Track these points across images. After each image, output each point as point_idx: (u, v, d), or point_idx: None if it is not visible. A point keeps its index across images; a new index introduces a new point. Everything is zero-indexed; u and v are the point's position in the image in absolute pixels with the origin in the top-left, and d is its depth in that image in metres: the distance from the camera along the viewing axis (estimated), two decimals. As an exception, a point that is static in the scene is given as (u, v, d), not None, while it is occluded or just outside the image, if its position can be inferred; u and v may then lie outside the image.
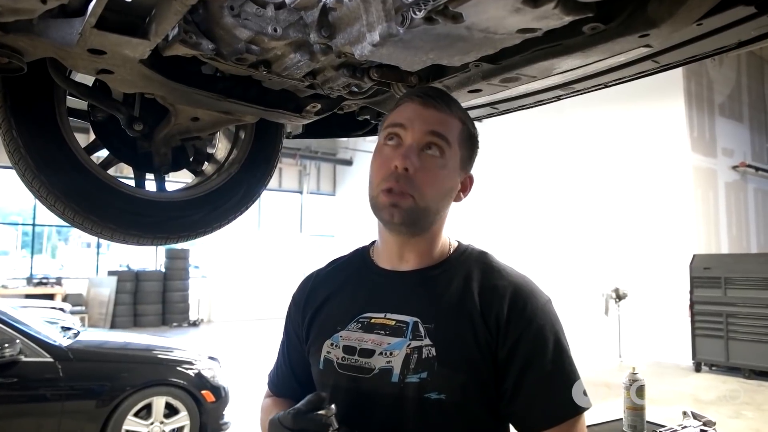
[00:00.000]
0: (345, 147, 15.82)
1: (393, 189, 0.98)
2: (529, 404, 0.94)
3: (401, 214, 0.98)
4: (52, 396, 3.89)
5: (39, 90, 1.45)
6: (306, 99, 1.51)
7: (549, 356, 0.94)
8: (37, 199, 1.50)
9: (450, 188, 1.03)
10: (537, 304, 0.97)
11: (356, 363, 0.98)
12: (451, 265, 1.04)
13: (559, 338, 0.96)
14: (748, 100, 10.80)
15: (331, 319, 1.05)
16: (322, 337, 1.04)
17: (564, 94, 1.46)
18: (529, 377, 0.93)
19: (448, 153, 1.01)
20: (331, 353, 1.01)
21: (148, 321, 12.12)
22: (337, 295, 1.09)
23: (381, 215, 1.01)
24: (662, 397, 5.81)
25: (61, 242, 14.55)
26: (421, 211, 0.99)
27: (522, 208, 10.08)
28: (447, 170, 1.01)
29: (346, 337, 1.01)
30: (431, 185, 0.99)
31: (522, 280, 1.01)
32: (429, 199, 0.99)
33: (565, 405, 0.93)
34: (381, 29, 1.00)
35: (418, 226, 1.01)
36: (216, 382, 4.39)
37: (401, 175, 0.98)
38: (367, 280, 1.07)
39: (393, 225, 1.00)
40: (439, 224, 1.05)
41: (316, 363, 1.04)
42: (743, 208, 10.33)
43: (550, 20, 0.94)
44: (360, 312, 1.03)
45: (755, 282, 7.44)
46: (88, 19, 0.95)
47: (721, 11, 0.99)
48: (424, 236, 1.04)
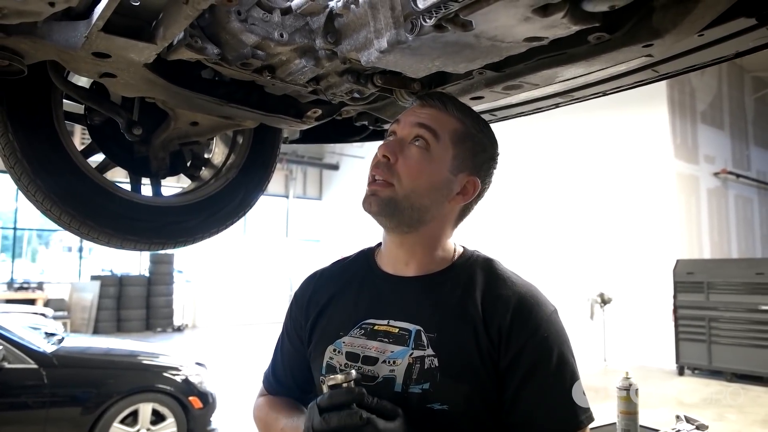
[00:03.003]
0: (332, 152, 15.81)
1: (375, 177, 1.00)
2: (529, 416, 0.92)
3: (378, 202, 0.98)
4: (36, 403, 3.82)
5: (36, 93, 1.43)
6: (307, 104, 1.50)
7: (552, 368, 0.92)
8: (33, 204, 1.47)
9: (437, 184, 1.00)
10: (542, 314, 0.95)
11: (359, 370, 0.97)
12: (455, 272, 1.02)
13: (563, 350, 0.94)
14: (729, 108, 11.01)
15: (333, 322, 1.04)
16: (325, 341, 1.03)
17: (563, 101, 1.48)
18: (529, 388, 0.91)
19: (436, 147, 1.00)
20: (334, 359, 1.00)
21: (131, 326, 11.97)
22: (340, 298, 1.07)
23: (364, 206, 1.01)
24: (647, 401, 5.84)
25: (42, 246, 14.31)
26: (400, 201, 0.98)
27: (507, 213, 10.14)
28: (433, 164, 1.00)
29: (349, 344, 1.00)
30: (412, 175, 0.98)
31: (527, 289, 0.99)
32: (408, 188, 0.98)
33: (566, 419, 0.91)
34: (389, 36, 1.01)
35: (399, 219, 0.99)
36: (203, 388, 4.35)
37: (382, 162, 1.00)
38: (370, 284, 1.06)
39: (373, 215, 1.00)
40: (434, 226, 1.03)
41: (317, 368, 1.02)
42: (724, 214, 10.52)
43: (558, 29, 0.95)
44: (363, 317, 1.01)
45: (736, 287, 7.57)
46: (96, 22, 0.94)
47: (723, 22, 1.01)
48: (417, 236, 1.02)
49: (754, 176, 11.58)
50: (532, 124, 9.63)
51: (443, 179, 1.01)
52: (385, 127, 1.78)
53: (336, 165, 16.10)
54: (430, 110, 1.03)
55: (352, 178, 15.23)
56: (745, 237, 11.10)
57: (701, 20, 0.97)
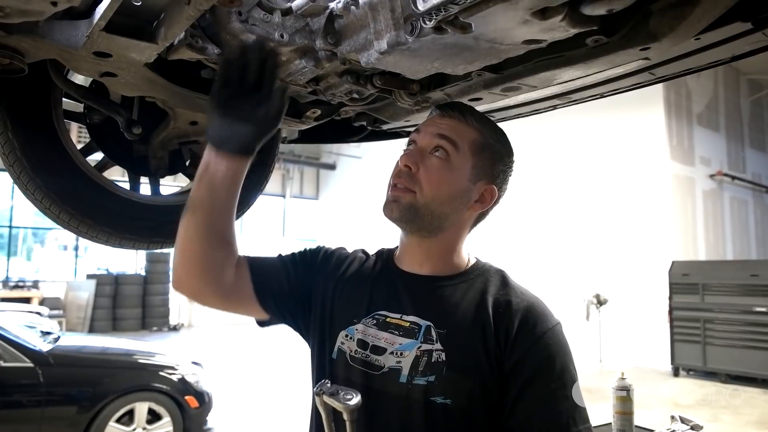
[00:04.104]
0: (329, 151, 15.81)
1: (397, 185, 1.04)
2: (528, 421, 0.94)
3: (400, 208, 1.02)
4: (31, 402, 3.82)
5: (36, 91, 1.43)
6: (306, 104, 1.51)
7: (554, 376, 0.95)
8: (32, 203, 1.47)
9: (457, 192, 1.05)
10: (546, 325, 0.99)
11: (367, 358, 1.00)
12: (468, 277, 1.06)
13: (566, 361, 0.97)
14: (724, 111, 11.07)
15: (349, 306, 1.07)
16: (339, 326, 1.06)
17: (561, 103, 1.49)
18: (529, 394, 0.94)
19: (456, 157, 1.04)
20: (345, 345, 1.03)
21: (127, 325, 11.96)
22: (359, 284, 1.10)
23: (384, 212, 1.04)
24: (643, 402, 5.87)
25: (37, 244, 14.27)
26: (421, 208, 1.02)
27: (503, 214, 10.15)
28: (453, 173, 1.04)
29: (361, 331, 1.03)
30: (433, 184, 1.02)
31: (535, 300, 1.03)
32: (429, 196, 1.02)
33: (565, 427, 0.93)
34: (389, 37, 1.02)
35: (419, 224, 1.03)
36: (200, 387, 4.35)
37: (404, 171, 1.04)
38: (386, 278, 1.09)
39: (394, 221, 1.04)
40: (452, 232, 1.07)
41: (328, 350, 1.05)
42: (720, 216, 10.57)
43: (556, 32, 0.96)
44: (377, 308, 1.05)
45: (731, 288, 7.61)
46: (98, 21, 0.94)
47: (719, 27, 1.02)
48: (436, 240, 1.06)
49: (749, 178, 11.64)
50: (529, 125, 9.64)
51: (463, 188, 1.05)
52: (384, 127, 1.79)
53: (333, 165, 16.10)
54: (449, 121, 1.07)
55: (349, 178, 15.23)
56: (740, 239, 11.16)
57: (697, 24, 0.98)
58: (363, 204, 13.79)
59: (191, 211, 1.06)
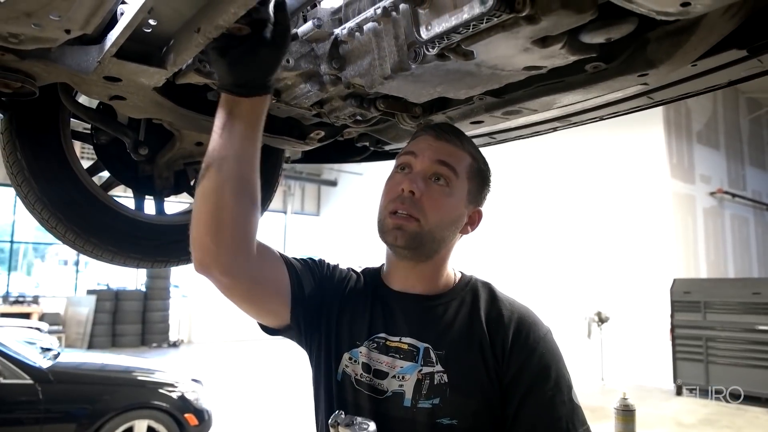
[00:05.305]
0: (330, 168, 15.86)
1: (398, 211, 1.02)
2: (531, 430, 0.97)
3: (405, 236, 1.02)
4: (30, 419, 3.80)
5: (45, 112, 1.46)
6: (310, 126, 1.53)
7: (550, 384, 0.98)
8: (38, 221, 1.49)
9: (455, 218, 1.07)
10: (538, 333, 1.02)
11: (371, 382, 1.01)
12: (458, 293, 1.08)
13: (560, 367, 1.01)
14: (724, 129, 11.12)
15: (352, 328, 1.07)
16: (343, 347, 1.06)
17: (561, 125, 1.51)
18: (529, 404, 0.96)
19: (455, 183, 1.06)
20: (350, 368, 1.04)
21: (127, 341, 11.89)
22: (358, 305, 1.10)
23: (386, 238, 1.04)
24: (646, 421, 5.84)
25: (38, 259, 14.27)
26: (425, 236, 1.02)
27: (505, 232, 10.16)
28: (453, 199, 1.06)
29: (365, 354, 1.04)
30: (436, 211, 1.03)
31: (525, 310, 1.06)
32: (433, 224, 1.03)
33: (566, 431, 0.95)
34: (393, 63, 1.04)
35: (421, 251, 1.04)
36: (199, 405, 4.33)
37: (407, 197, 1.03)
38: (382, 299, 1.10)
39: (397, 248, 1.04)
40: (444, 253, 1.09)
41: (333, 371, 1.05)
42: (720, 234, 10.56)
43: (556, 59, 0.99)
44: (377, 331, 1.05)
45: (733, 306, 7.58)
46: (109, 48, 0.96)
47: (716, 53, 1.05)
48: (429, 263, 1.08)
49: (750, 196, 11.66)
50: (531, 144, 9.66)
51: (460, 213, 1.08)
52: (386, 148, 1.81)
53: (334, 181, 16.15)
54: (446, 145, 1.07)
55: (350, 195, 15.27)
56: (741, 257, 11.14)
57: (694, 52, 1.01)
58: (364, 220, 13.80)
59: (216, 167, 0.95)
